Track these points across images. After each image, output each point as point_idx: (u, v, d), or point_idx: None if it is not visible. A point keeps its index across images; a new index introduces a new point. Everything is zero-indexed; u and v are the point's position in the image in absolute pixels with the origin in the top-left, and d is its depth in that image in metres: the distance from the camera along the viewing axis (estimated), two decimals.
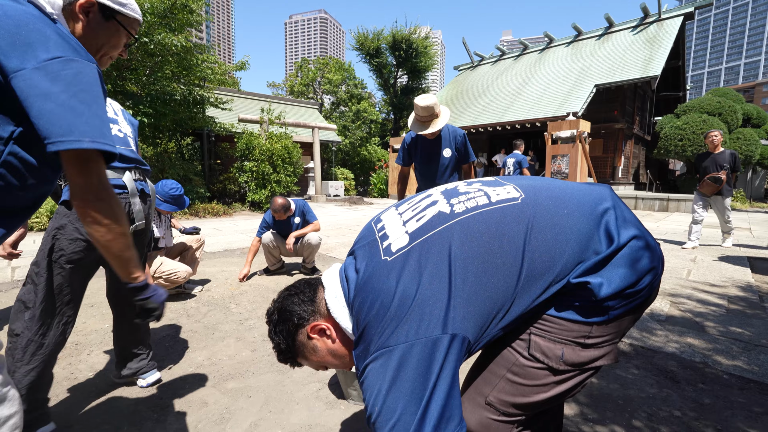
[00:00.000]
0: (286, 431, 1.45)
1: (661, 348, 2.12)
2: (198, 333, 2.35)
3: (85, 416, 1.53)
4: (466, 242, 0.72)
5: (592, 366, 0.76)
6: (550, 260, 0.71)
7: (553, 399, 0.77)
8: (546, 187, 0.82)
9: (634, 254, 0.72)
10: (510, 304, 0.71)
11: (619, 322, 0.75)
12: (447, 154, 2.75)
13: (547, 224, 0.73)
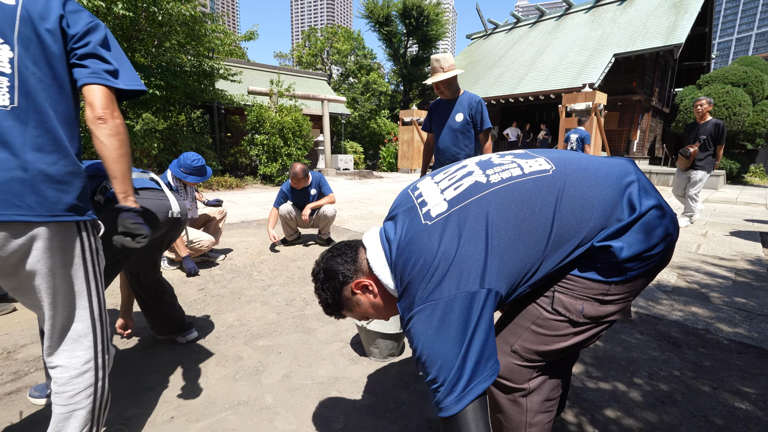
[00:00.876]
0: (315, 382, 1.60)
1: (665, 316, 2.22)
2: (225, 297, 2.51)
3: (135, 366, 1.70)
4: (502, 210, 0.80)
5: (608, 320, 0.85)
6: (576, 226, 0.79)
7: (571, 347, 0.86)
8: (575, 160, 0.88)
9: (653, 222, 0.80)
10: (538, 266, 0.80)
11: (634, 282, 0.83)
12: (459, 119, 2.66)
13: (575, 194, 0.81)
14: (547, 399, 0.91)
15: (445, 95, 2.70)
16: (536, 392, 0.90)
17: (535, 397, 0.89)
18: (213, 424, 1.34)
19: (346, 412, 1.41)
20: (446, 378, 0.73)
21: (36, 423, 1.35)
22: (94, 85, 0.96)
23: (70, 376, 0.99)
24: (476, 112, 2.69)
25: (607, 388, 1.56)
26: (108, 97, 0.97)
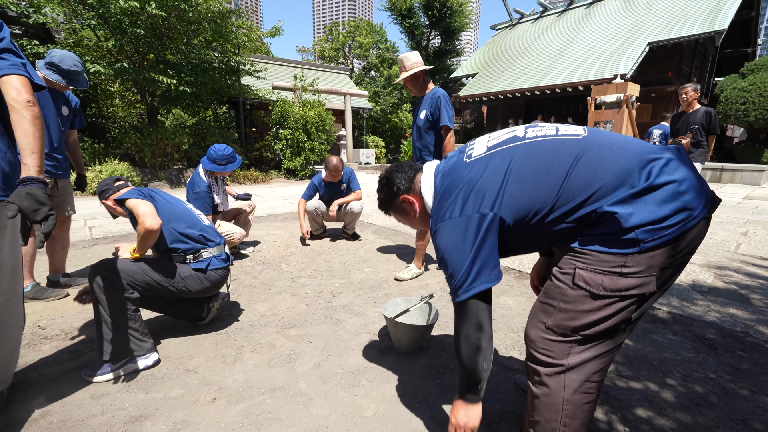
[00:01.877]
0: (345, 371, 1.66)
1: (701, 317, 2.15)
2: (256, 288, 2.62)
3: (177, 351, 1.81)
4: (526, 157, 0.95)
5: (630, 293, 0.87)
6: (588, 182, 0.87)
7: (600, 321, 0.90)
8: (611, 135, 0.95)
9: (668, 195, 0.83)
10: (547, 210, 0.91)
11: (651, 256, 0.84)
12: (422, 116, 2.64)
13: (595, 155, 0.89)
14: (588, 380, 0.94)
15: (414, 92, 2.73)
16: (575, 371, 0.94)
17: (575, 375, 0.93)
18: (252, 407, 1.43)
19: (376, 400, 1.47)
20: (458, 275, 0.96)
21: (96, 397, 1.47)
22: (17, 75, 1.14)
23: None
24: (435, 108, 2.57)
25: (638, 387, 1.54)
26: (29, 85, 1.16)
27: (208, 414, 1.39)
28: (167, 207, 1.82)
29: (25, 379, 1.58)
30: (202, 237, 1.85)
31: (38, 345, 1.85)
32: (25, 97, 1.14)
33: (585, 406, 0.95)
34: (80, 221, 4.55)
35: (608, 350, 0.94)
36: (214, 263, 1.87)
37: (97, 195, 1.85)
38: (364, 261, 3.22)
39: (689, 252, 0.88)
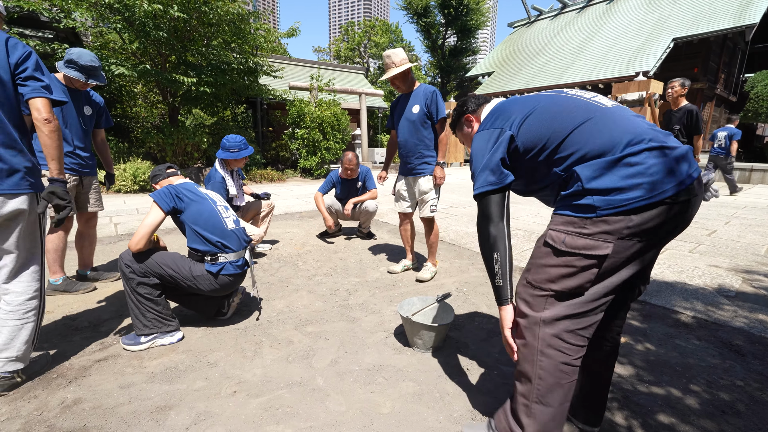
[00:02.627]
0: (362, 368, 1.68)
1: (728, 322, 2.08)
2: (274, 285, 2.67)
3: (199, 345, 1.87)
4: (554, 102, 1.12)
5: (587, 253, 0.98)
6: (585, 140, 1.01)
7: (565, 276, 1.01)
8: (630, 114, 1.06)
9: (633, 173, 0.93)
10: (550, 150, 1.06)
11: (606, 221, 0.95)
12: (415, 111, 2.65)
13: (603, 122, 1.02)
14: (559, 337, 1.02)
15: (402, 89, 2.71)
16: (549, 326, 1.03)
17: (547, 330, 1.03)
18: (271, 401, 1.46)
19: (393, 398, 1.48)
20: (475, 173, 1.18)
21: (124, 387, 1.53)
22: (39, 98, 1.45)
23: (25, 299, 1.49)
24: (431, 102, 2.64)
25: (660, 393, 1.51)
26: (49, 105, 1.47)
27: (229, 406, 1.43)
28: (194, 209, 1.89)
29: (57, 368, 1.66)
30: (220, 243, 1.91)
31: (69, 336, 1.94)
32: (44, 116, 1.46)
33: (561, 366, 1.03)
34: (106, 218, 4.72)
35: (579, 312, 1.01)
36: (227, 268, 1.92)
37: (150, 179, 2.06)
38: (379, 260, 3.24)
39: (657, 231, 0.95)
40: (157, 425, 1.33)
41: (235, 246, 1.97)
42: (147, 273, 1.80)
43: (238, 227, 2.04)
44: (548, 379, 1.03)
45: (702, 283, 2.64)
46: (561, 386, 1.03)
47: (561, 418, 1.06)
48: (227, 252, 1.93)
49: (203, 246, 1.88)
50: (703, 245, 3.60)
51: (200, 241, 1.88)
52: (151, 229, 1.79)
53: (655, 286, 2.60)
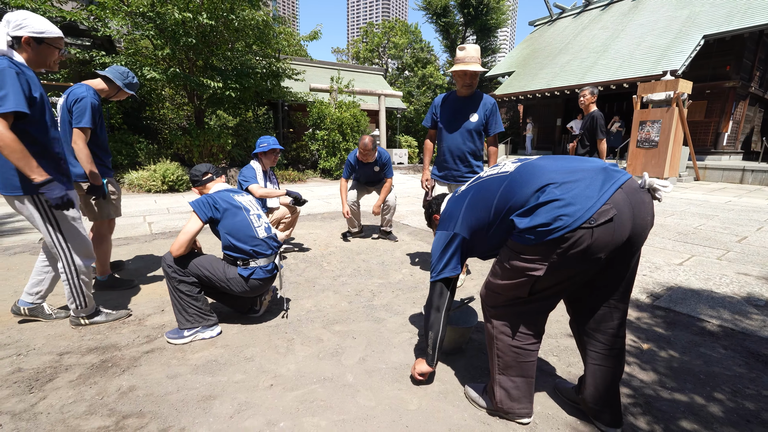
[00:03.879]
0: (389, 366, 1.77)
1: (756, 332, 2.06)
2: (301, 285, 2.79)
3: (236, 340, 2.00)
4: (477, 190, 1.40)
5: (528, 273, 1.21)
6: (505, 204, 1.25)
7: (509, 287, 1.29)
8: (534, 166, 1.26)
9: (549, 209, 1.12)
10: (489, 226, 1.32)
11: (536, 248, 1.16)
12: (474, 119, 2.60)
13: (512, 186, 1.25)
14: (510, 326, 1.35)
15: (464, 92, 2.62)
16: (498, 317, 1.37)
17: (497, 321, 1.38)
18: (305, 394, 1.57)
19: (419, 396, 1.56)
20: (434, 267, 1.51)
21: (171, 377, 1.67)
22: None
23: None
24: (491, 114, 2.61)
25: (683, 399, 1.53)
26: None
27: (267, 398, 1.54)
28: (229, 219, 2.02)
29: (111, 358, 1.81)
30: (253, 251, 2.04)
31: (118, 329, 2.10)
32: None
33: (513, 348, 1.34)
34: (139, 217, 4.98)
35: (519, 311, 1.33)
36: (257, 273, 2.04)
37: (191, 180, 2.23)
38: (401, 262, 3.32)
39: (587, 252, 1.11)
40: (204, 413, 1.45)
41: (267, 251, 2.08)
42: (186, 273, 1.94)
43: (269, 234, 2.16)
44: (505, 357, 1.36)
45: (730, 291, 2.60)
46: (518, 363, 1.35)
47: (520, 387, 1.37)
48: (258, 258, 2.05)
49: (236, 253, 2.01)
50: (732, 252, 3.52)
51: (233, 248, 2.01)
52: (191, 237, 1.92)
53: (680, 293, 2.59)
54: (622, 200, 1.10)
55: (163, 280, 2.81)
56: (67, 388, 1.58)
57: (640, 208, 1.13)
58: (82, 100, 2.27)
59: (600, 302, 1.29)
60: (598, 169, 1.17)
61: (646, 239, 1.26)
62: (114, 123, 8.41)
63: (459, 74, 2.55)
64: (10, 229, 4.22)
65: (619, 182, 1.12)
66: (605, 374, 1.32)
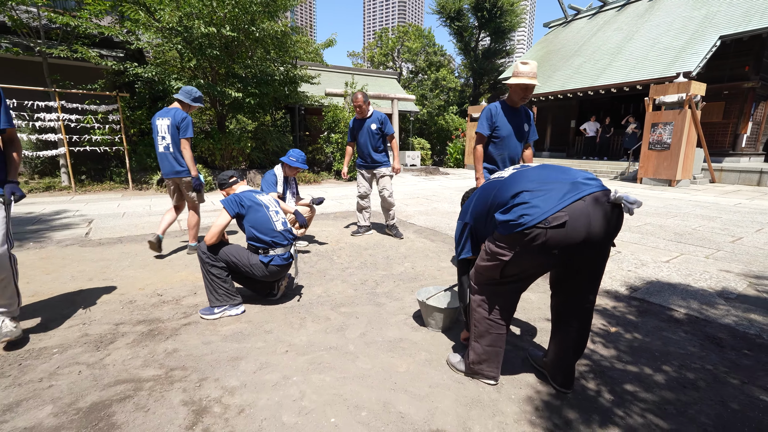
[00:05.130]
0: (385, 340, 2.09)
1: (716, 319, 2.28)
2: (313, 275, 3.14)
3: (257, 317, 2.36)
4: (481, 192, 1.70)
5: (497, 255, 1.50)
6: (494, 201, 1.55)
7: (487, 268, 1.57)
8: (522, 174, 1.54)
9: (518, 209, 1.41)
10: (486, 218, 1.61)
11: (506, 238, 1.46)
12: (526, 128, 2.93)
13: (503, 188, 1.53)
14: (487, 302, 1.64)
15: (519, 102, 2.82)
16: (477, 293, 1.67)
17: (476, 296, 1.68)
18: (314, 358, 1.90)
19: (408, 362, 1.87)
20: (456, 251, 1.83)
21: (206, 343, 2.03)
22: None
23: None
24: (532, 122, 2.96)
25: (634, 370, 1.79)
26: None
27: (283, 360, 1.88)
28: (253, 214, 2.41)
29: (157, 328, 2.20)
30: (272, 241, 2.40)
31: (160, 306, 2.50)
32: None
33: (487, 322, 1.64)
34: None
35: (494, 291, 1.62)
36: (276, 260, 2.40)
37: (218, 185, 2.64)
38: (405, 257, 3.63)
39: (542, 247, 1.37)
40: (233, 369, 1.81)
41: (284, 242, 2.44)
42: (217, 259, 2.31)
43: (285, 228, 2.52)
44: (479, 327, 1.67)
45: (706, 286, 2.81)
46: (489, 333, 1.65)
47: (489, 354, 1.66)
48: (277, 248, 2.41)
49: (258, 243, 2.38)
50: (722, 251, 3.68)
51: (256, 239, 2.37)
52: (221, 229, 2.30)
53: (658, 287, 2.81)
54: (579, 209, 1.32)
55: (193, 269, 3.21)
56: (125, 349, 1.97)
57: (598, 218, 1.33)
58: (186, 118, 3.34)
59: (571, 289, 1.55)
60: (569, 182, 1.39)
61: (614, 241, 1.47)
62: (144, 128, 9.02)
63: (521, 87, 2.69)
64: (60, 225, 4.75)
65: (582, 194, 1.34)
66: (566, 345, 1.60)
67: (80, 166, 8.37)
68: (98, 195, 7.43)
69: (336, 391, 1.64)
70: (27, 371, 1.77)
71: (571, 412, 1.51)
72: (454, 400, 1.59)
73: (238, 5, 7.37)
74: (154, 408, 1.52)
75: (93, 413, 1.49)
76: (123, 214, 5.49)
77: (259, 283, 2.53)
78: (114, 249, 3.81)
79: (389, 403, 1.56)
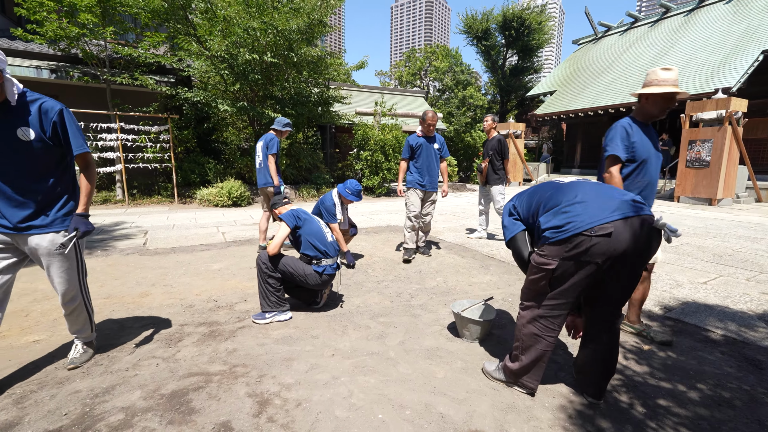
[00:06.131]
0: (422, 348, 2.23)
1: (756, 342, 2.28)
2: (351, 287, 3.34)
3: (303, 324, 2.57)
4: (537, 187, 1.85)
5: (542, 267, 1.60)
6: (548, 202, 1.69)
7: (534, 281, 1.66)
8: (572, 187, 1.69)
9: (565, 217, 1.55)
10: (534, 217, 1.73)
11: (552, 247, 1.57)
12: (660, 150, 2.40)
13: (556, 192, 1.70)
14: (533, 318, 1.70)
15: (654, 117, 2.24)
16: (528, 310, 1.74)
17: (526, 313, 1.74)
18: (358, 362, 2.08)
19: (445, 369, 2.01)
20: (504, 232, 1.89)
21: (260, 345, 2.26)
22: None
23: None
24: None
25: (667, 386, 1.85)
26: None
27: (330, 363, 2.07)
28: (309, 226, 2.67)
29: (216, 329, 2.45)
30: (324, 251, 2.63)
31: (216, 311, 2.77)
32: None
33: (533, 337, 1.70)
34: (213, 228, 5.87)
35: (544, 304, 1.67)
36: (327, 270, 2.63)
37: (270, 205, 2.93)
38: (437, 272, 3.77)
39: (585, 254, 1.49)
40: (287, 368, 2.01)
41: (332, 253, 2.67)
42: (274, 270, 2.56)
43: (333, 240, 2.76)
44: (526, 342, 1.74)
45: (746, 308, 2.77)
46: (535, 348, 1.71)
47: (534, 368, 1.74)
48: (328, 258, 2.64)
49: (312, 252, 2.61)
50: (765, 274, 3.58)
51: (311, 249, 2.62)
52: (282, 240, 2.56)
53: (693, 307, 2.80)
54: (625, 226, 1.46)
55: (241, 278, 3.49)
56: (191, 347, 2.23)
57: (641, 237, 1.48)
58: (273, 139, 4.23)
59: (604, 301, 1.65)
60: (621, 200, 1.53)
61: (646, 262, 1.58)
62: (189, 146, 9.74)
63: (662, 97, 2.12)
64: (120, 235, 5.24)
65: (630, 213, 1.48)
66: (596, 357, 1.70)
67: (132, 181, 9.12)
68: (148, 208, 8.06)
69: (380, 391, 1.81)
70: (115, 362, 2.05)
71: (603, 422, 1.60)
72: (491, 405, 1.71)
73: (280, 34, 7.95)
74: (224, 398, 1.74)
75: (174, 399, 1.73)
76: (173, 226, 5.96)
77: (305, 292, 2.76)
78: (169, 258, 4.19)
79: (430, 405, 1.71)
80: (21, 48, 8.57)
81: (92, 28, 7.40)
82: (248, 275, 3.59)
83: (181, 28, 8.44)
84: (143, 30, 8.47)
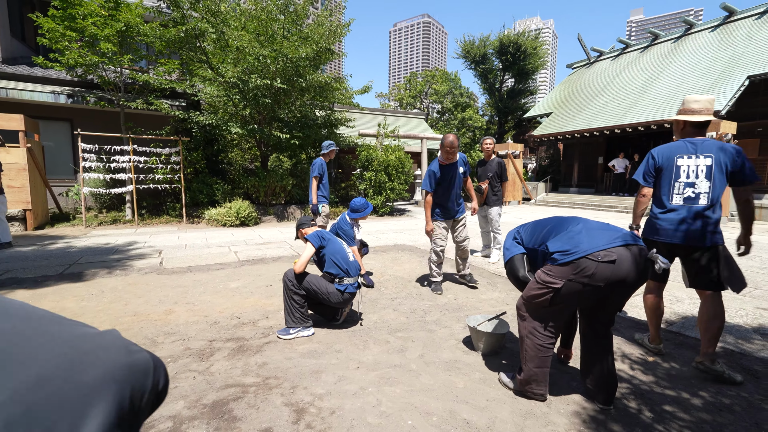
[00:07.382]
0: (441, 361, 2.38)
1: (753, 353, 2.43)
2: (366, 304, 3.49)
3: (326, 339, 2.71)
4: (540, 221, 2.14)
5: (548, 285, 1.77)
6: (552, 230, 1.95)
7: (537, 296, 1.83)
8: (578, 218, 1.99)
9: (569, 241, 1.79)
10: (539, 245, 1.96)
11: (559, 268, 1.76)
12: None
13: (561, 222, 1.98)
14: (534, 329, 1.89)
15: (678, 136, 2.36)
16: (528, 320, 1.92)
17: (526, 323, 1.92)
18: (382, 374, 2.22)
19: (465, 380, 2.15)
20: (504, 253, 2.15)
21: (288, 359, 2.39)
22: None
23: None
24: None
25: (672, 394, 1.99)
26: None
27: (356, 375, 2.21)
28: (333, 246, 2.84)
29: (244, 344, 2.59)
30: (346, 270, 2.80)
31: (240, 327, 2.90)
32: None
33: (537, 347, 1.87)
34: (225, 248, 6.03)
35: (542, 317, 1.86)
36: (349, 288, 2.79)
37: (296, 226, 3.08)
38: (447, 289, 3.93)
39: (591, 278, 1.69)
40: (316, 380, 2.15)
41: (354, 272, 2.84)
42: (299, 288, 2.71)
43: (355, 260, 2.93)
44: (529, 352, 1.91)
45: (742, 322, 2.93)
46: (537, 357, 1.89)
47: (539, 375, 1.89)
48: (349, 276, 2.81)
49: (335, 270, 2.78)
50: (760, 290, 3.75)
51: (334, 267, 2.78)
52: (308, 258, 2.73)
53: (693, 321, 2.96)
54: (626, 254, 1.72)
55: (259, 296, 3.63)
56: (223, 360, 2.36)
57: (637, 265, 1.73)
58: (315, 162, 4.90)
59: (602, 318, 1.89)
60: (621, 234, 1.81)
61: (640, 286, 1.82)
62: (198, 167, 10.00)
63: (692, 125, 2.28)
64: (135, 254, 5.39)
65: (627, 242, 1.75)
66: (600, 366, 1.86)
67: (141, 201, 9.31)
68: (157, 228, 8.22)
69: (407, 400, 1.95)
70: None
71: (615, 425, 1.74)
72: (511, 412, 1.85)
73: (289, 61, 8.35)
74: (262, 407, 1.88)
75: (216, 408, 1.86)
76: (185, 246, 6.12)
77: (327, 309, 2.91)
78: (186, 277, 4.33)
79: (455, 412, 1.85)
80: (39, 74, 8.95)
81: (111, 56, 7.77)
82: (266, 293, 3.73)
83: (193, 55, 8.85)
84: (157, 57, 8.87)
